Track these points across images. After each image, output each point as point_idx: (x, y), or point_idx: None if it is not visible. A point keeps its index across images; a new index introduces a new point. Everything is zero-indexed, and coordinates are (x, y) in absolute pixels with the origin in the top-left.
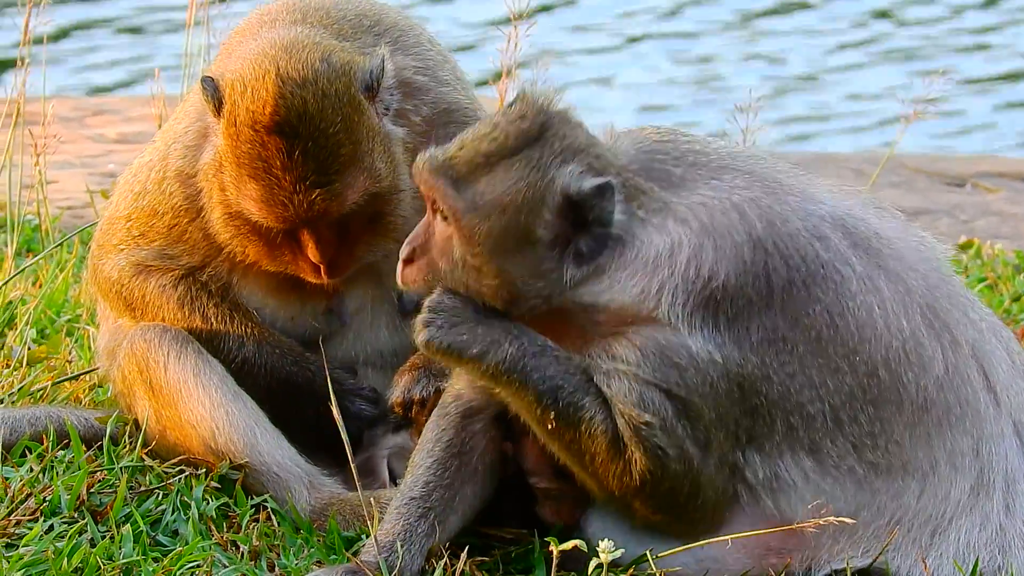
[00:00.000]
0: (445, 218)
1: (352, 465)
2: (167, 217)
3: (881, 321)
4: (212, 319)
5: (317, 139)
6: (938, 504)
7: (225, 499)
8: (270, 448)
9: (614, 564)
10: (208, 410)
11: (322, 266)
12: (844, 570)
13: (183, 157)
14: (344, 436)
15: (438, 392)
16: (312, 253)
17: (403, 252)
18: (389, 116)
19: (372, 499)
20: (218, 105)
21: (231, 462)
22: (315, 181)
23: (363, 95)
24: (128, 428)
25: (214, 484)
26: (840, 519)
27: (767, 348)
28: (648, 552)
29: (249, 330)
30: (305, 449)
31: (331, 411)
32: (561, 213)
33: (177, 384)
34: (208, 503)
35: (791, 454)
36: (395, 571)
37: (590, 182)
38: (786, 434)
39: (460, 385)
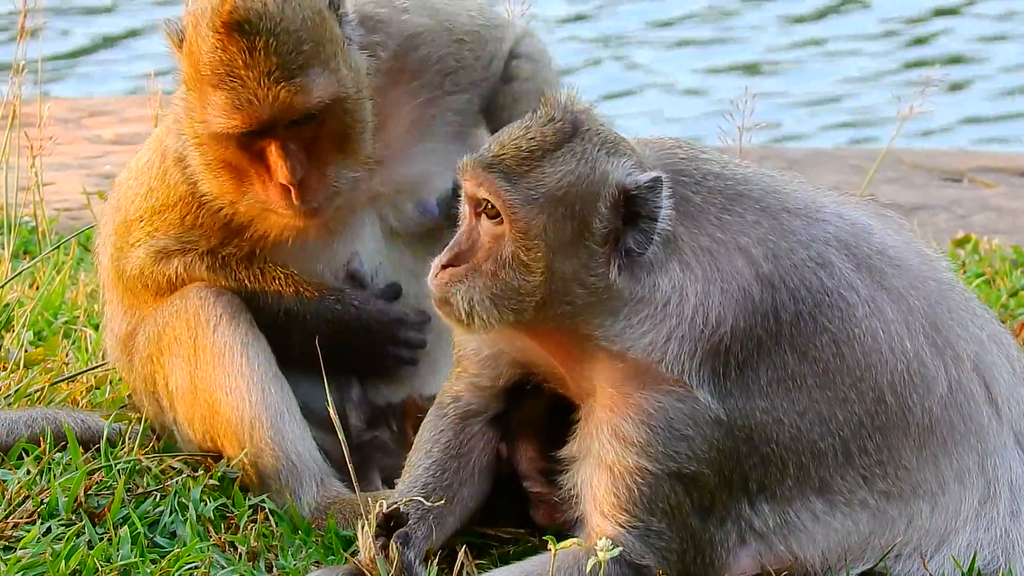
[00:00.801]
0: (493, 216)
1: (349, 464)
2: (178, 207)
3: (886, 345)
4: (246, 280)
5: (279, 35)
6: (948, 520)
7: (223, 500)
8: (294, 437)
9: None
10: (246, 382)
11: (293, 188)
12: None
13: (178, 145)
14: (341, 435)
15: None
16: (282, 172)
17: (443, 258)
18: (354, 46)
19: (370, 500)
20: (180, 38)
21: (250, 441)
22: (279, 76)
23: (324, 7)
24: (128, 427)
25: (212, 482)
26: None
27: (776, 388)
28: None
29: (284, 279)
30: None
31: (388, 339)
32: (616, 206)
33: (222, 348)
34: (206, 504)
35: (801, 498)
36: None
37: (645, 175)
38: (797, 476)
39: (458, 387)
